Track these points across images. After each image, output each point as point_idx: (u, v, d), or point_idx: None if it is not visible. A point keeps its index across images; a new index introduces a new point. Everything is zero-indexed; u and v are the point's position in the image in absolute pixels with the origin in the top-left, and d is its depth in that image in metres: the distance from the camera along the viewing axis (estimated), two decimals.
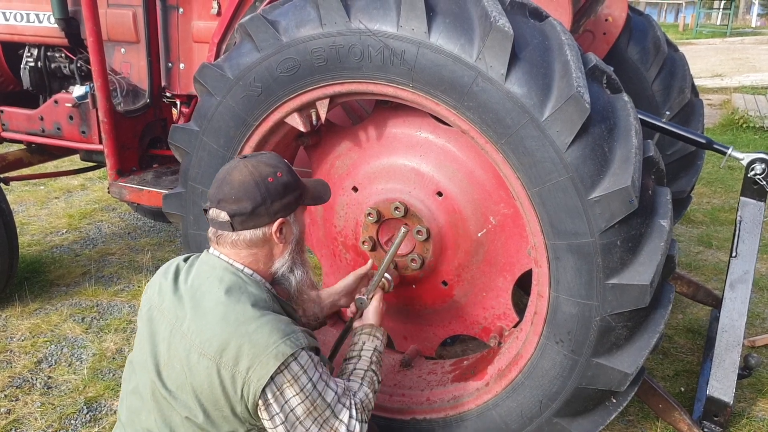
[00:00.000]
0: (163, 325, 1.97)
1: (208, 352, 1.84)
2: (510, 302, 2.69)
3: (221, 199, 1.97)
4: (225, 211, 1.96)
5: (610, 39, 3.83)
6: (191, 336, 1.89)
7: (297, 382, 1.86)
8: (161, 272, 2.12)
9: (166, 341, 1.95)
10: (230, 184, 1.97)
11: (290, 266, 2.08)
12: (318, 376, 1.92)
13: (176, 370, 1.91)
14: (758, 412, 3.28)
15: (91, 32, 3.16)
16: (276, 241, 2.03)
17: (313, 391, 1.89)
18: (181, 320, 1.92)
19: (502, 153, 2.17)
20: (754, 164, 2.77)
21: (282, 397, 1.86)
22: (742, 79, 13.67)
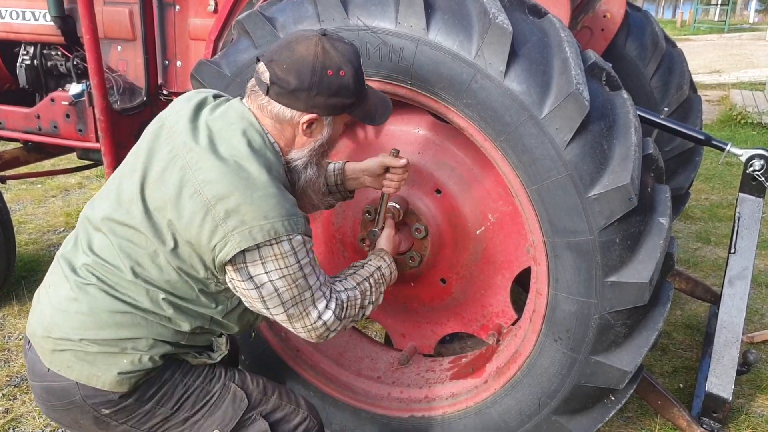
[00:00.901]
0: (168, 147, 1.85)
1: (205, 194, 1.73)
2: (508, 300, 2.68)
3: (274, 60, 1.82)
4: (269, 72, 1.82)
5: (608, 35, 3.82)
6: (194, 170, 1.77)
7: (284, 259, 1.78)
8: (185, 97, 2.00)
9: (163, 162, 1.83)
10: (290, 52, 1.81)
11: (305, 163, 1.95)
12: (307, 261, 1.84)
13: (161, 192, 1.80)
14: (757, 408, 3.28)
15: (88, 30, 3.15)
16: (300, 132, 1.89)
17: (298, 271, 1.82)
18: (189, 150, 1.80)
19: (500, 150, 2.17)
20: (753, 160, 2.77)
21: (262, 267, 1.78)
22: (740, 75, 13.67)
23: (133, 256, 1.83)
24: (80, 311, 1.84)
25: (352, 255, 2.87)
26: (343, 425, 2.81)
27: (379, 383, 2.83)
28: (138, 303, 1.83)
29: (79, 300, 1.84)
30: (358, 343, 3.06)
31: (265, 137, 1.87)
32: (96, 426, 1.93)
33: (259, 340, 2.87)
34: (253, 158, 1.79)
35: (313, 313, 1.90)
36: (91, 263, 1.86)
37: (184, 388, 1.97)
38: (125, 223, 1.84)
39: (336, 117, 1.91)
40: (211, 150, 1.79)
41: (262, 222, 1.72)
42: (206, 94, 1.99)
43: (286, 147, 1.93)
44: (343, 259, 2.91)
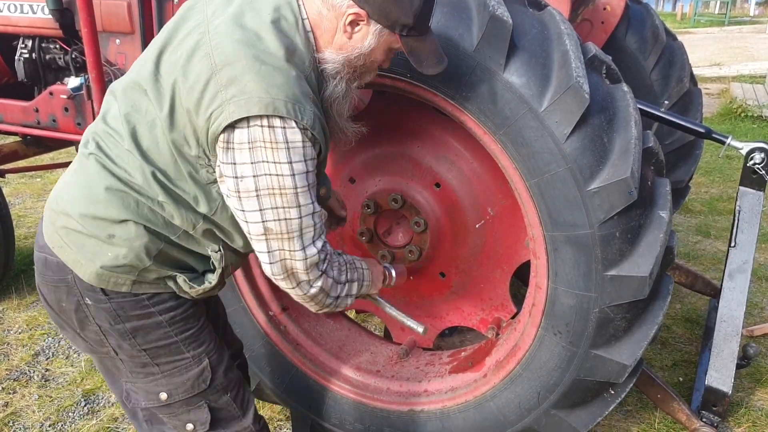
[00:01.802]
0: (197, 17, 1.77)
1: (214, 58, 1.63)
2: (508, 294, 2.68)
3: None
4: None
5: (608, 28, 3.81)
6: (211, 35, 1.67)
7: (274, 151, 1.62)
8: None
9: (187, 29, 1.75)
10: None
11: (336, 71, 1.78)
12: (303, 171, 1.66)
13: (176, 56, 1.71)
14: (757, 401, 3.28)
15: (86, 23, 3.13)
16: (342, 28, 1.72)
17: (287, 178, 1.64)
18: (215, 17, 1.72)
19: (500, 144, 2.16)
20: (753, 153, 2.76)
21: (249, 155, 1.63)
22: (740, 68, 13.64)
23: (133, 122, 1.75)
24: (79, 183, 1.79)
25: (351, 249, 2.87)
26: (342, 419, 2.82)
27: (378, 377, 2.83)
28: (131, 178, 1.74)
29: (79, 171, 1.81)
30: (358, 336, 3.06)
31: (300, 21, 1.73)
32: (75, 314, 1.86)
33: (258, 334, 2.87)
34: (274, 33, 1.66)
35: (296, 242, 1.71)
36: (99, 131, 1.82)
37: (162, 335, 1.88)
38: (135, 82, 1.77)
39: (384, 30, 1.73)
40: (235, 18, 1.69)
41: (263, 94, 1.59)
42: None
43: (323, 43, 1.77)
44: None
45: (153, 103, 1.73)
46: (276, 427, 3.16)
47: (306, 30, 1.74)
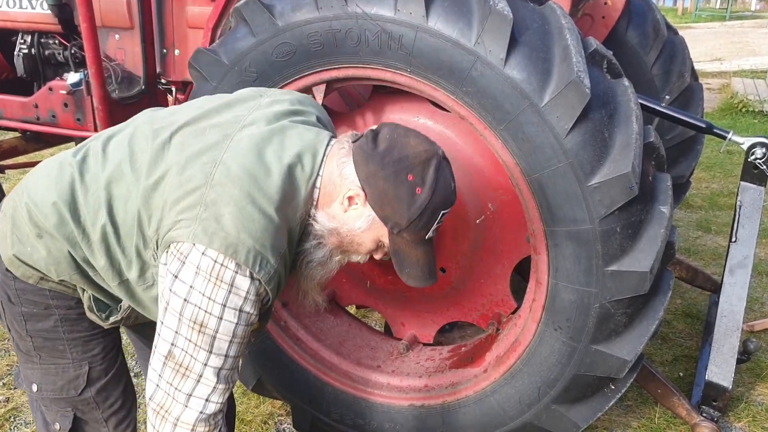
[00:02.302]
0: (241, 112, 1.78)
1: (215, 172, 1.61)
2: (508, 289, 2.68)
3: (387, 127, 1.73)
4: (375, 128, 1.72)
5: (609, 23, 3.79)
6: (232, 144, 1.66)
7: (215, 288, 1.55)
8: (307, 98, 1.95)
9: (223, 119, 1.75)
10: (405, 135, 1.71)
11: (321, 235, 1.75)
12: (233, 320, 1.57)
13: (193, 140, 1.70)
14: (757, 396, 3.28)
15: (85, 18, 3.12)
16: (339, 200, 1.72)
17: (214, 318, 1.55)
18: (248, 128, 1.71)
19: (500, 139, 2.15)
20: (755, 149, 2.76)
21: (193, 278, 1.55)
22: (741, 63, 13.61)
23: (121, 167, 1.71)
24: (48, 177, 1.77)
25: None
26: (343, 414, 2.82)
27: (378, 372, 2.83)
28: (83, 211, 1.71)
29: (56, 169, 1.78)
30: (358, 332, 3.06)
31: (314, 176, 1.71)
32: None
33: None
34: (283, 178, 1.64)
35: (187, 385, 1.59)
36: (95, 148, 1.80)
37: (50, 327, 1.85)
38: (154, 132, 1.75)
39: (377, 219, 1.70)
40: (260, 143, 1.66)
41: (232, 234, 1.55)
42: (321, 128, 1.85)
43: (322, 203, 1.75)
44: None
45: (146, 166, 1.70)
46: (277, 422, 3.17)
47: (315, 186, 1.73)
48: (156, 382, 1.61)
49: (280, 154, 1.67)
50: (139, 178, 1.70)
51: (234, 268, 1.56)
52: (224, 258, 1.55)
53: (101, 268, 1.76)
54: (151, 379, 1.63)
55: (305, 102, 1.92)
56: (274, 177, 1.63)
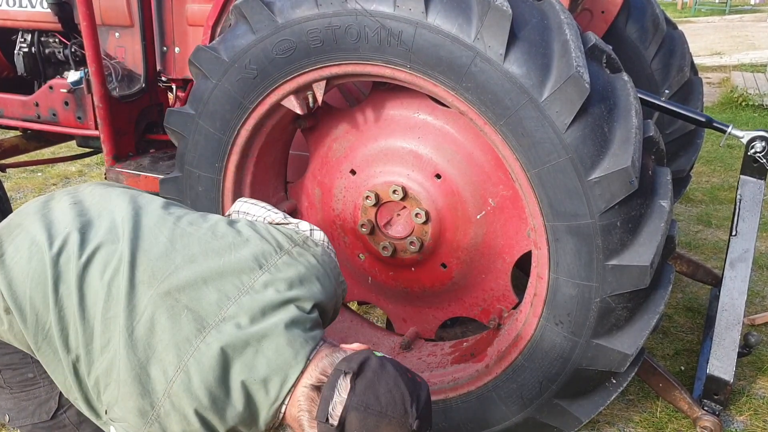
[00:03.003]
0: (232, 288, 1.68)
1: (154, 378, 1.56)
2: (509, 284, 2.68)
3: (356, 414, 1.52)
4: (341, 418, 1.52)
5: (609, 17, 3.79)
6: (191, 361, 1.57)
7: None
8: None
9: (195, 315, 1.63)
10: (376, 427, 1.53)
11: None
12: None
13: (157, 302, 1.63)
14: (758, 390, 3.29)
15: (85, 16, 3.13)
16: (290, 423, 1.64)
17: None
18: (222, 330, 1.62)
19: (500, 134, 2.16)
20: (754, 142, 2.76)
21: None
22: (741, 57, 13.58)
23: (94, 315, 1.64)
24: (24, 258, 1.71)
25: (352, 240, 2.87)
26: None
27: None
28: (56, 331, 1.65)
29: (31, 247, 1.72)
30: (360, 328, 3.06)
31: (278, 403, 1.60)
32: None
33: None
34: (241, 406, 1.58)
35: None
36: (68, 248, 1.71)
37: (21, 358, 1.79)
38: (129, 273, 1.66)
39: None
40: (228, 356, 1.57)
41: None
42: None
43: (289, 422, 1.65)
44: (344, 244, 2.91)
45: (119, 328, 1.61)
46: None
47: (279, 411, 1.62)
48: None
49: (246, 376, 1.58)
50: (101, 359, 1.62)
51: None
52: None
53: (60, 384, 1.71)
54: None
55: (307, 279, 1.77)
56: (233, 402, 1.57)
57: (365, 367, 1.57)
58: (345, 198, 2.80)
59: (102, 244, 1.72)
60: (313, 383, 1.59)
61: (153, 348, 1.58)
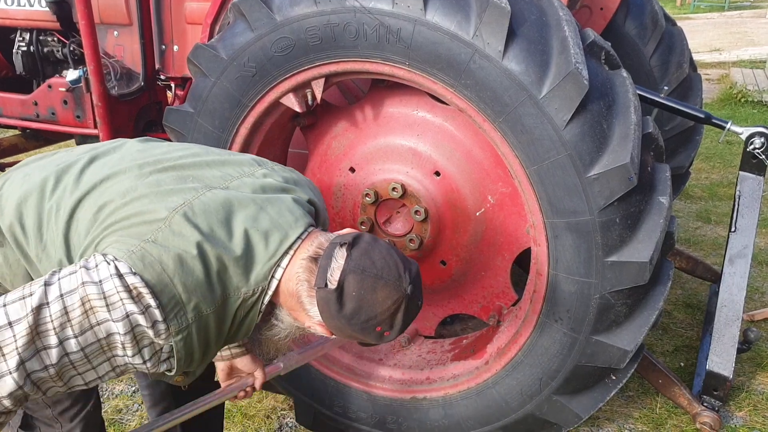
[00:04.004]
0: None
1: (155, 210, 1.57)
2: (509, 281, 2.68)
3: (353, 277, 1.57)
4: (339, 281, 1.56)
5: (608, 14, 3.79)
6: (196, 202, 1.61)
7: (117, 303, 1.43)
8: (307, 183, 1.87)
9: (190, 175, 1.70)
10: (372, 289, 1.58)
11: (289, 324, 1.71)
12: (98, 337, 1.44)
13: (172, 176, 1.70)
14: (758, 385, 3.29)
15: (83, 15, 3.12)
16: (306, 325, 1.68)
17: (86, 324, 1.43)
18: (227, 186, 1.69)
19: (500, 131, 2.16)
20: (753, 138, 2.76)
21: (102, 273, 1.44)
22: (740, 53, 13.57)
23: (95, 183, 1.68)
24: (19, 177, 1.79)
25: None
26: (345, 407, 2.83)
27: (380, 365, 2.84)
28: (46, 214, 1.68)
29: (30, 170, 1.80)
30: None
31: (275, 262, 1.61)
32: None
33: None
34: (240, 250, 1.57)
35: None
36: (76, 161, 1.79)
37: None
38: (134, 163, 1.72)
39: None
40: (233, 204, 1.63)
41: (167, 274, 1.48)
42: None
43: (282, 303, 1.68)
44: None
45: (116, 192, 1.64)
46: (280, 416, 3.18)
47: (273, 276, 1.63)
48: None
49: (249, 224, 1.61)
50: (102, 197, 1.65)
51: (155, 302, 1.46)
52: (152, 290, 1.46)
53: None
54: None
55: (301, 184, 1.86)
56: (233, 244, 1.58)
57: (359, 239, 1.65)
58: (344, 196, 2.80)
59: (106, 152, 1.82)
60: (310, 255, 1.62)
61: (160, 189, 1.64)
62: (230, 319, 1.62)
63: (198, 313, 1.53)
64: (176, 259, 1.51)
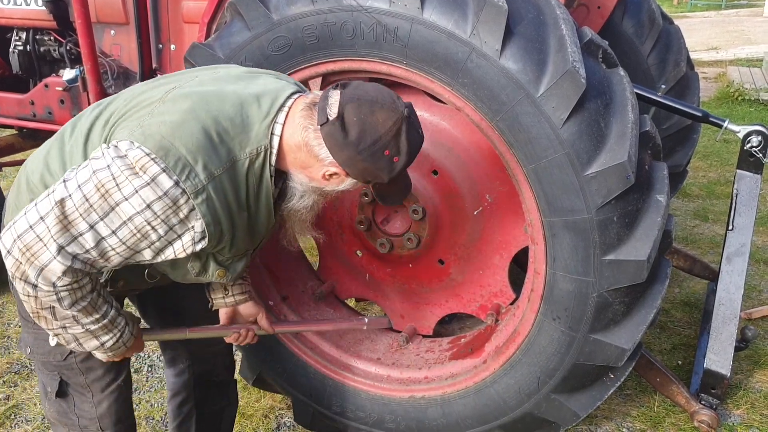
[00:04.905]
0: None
1: (174, 93, 1.74)
2: (507, 280, 2.68)
3: (351, 104, 1.68)
4: (339, 111, 1.68)
5: (605, 13, 3.79)
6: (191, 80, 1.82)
7: (134, 175, 1.58)
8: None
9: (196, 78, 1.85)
10: (370, 111, 1.69)
11: (304, 191, 1.83)
12: (136, 210, 1.58)
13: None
14: (755, 383, 3.30)
15: (80, 14, 3.12)
16: (320, 174, 1.77)
17: (120, 197, 1.58)
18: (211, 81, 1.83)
19: (497, 130, 2.16)
20: (751, 137, 2.76)
21: (115, 154, 1.60)
22: (737, 51, 13.59)
23: (110, 101, 1.86)
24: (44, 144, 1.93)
25: (349, 237, 2.87)
26: (343, 407, 2.83)
27: (378, 364, 2.84)
28: (68, 145, 1.82)
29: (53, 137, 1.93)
30: None
31: (271, 118, 1.73)
32: None
33: None
34: (233, 109, 1.70)
35: (64, 237, 1.60)
36: None
37: None
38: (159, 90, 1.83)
39: (359, 182, 1.81)
40: (223, 81, 1.79)
41: (167, 138, 1.61)
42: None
43: (291, 165, 1.80)
44: (341, 241, 2.91)
45: (130, 107, 1.79)
46: (277, 416, 3.18)
47: (273, 133, 1.74)
48: (31, 223, 1.60)
49: (240, 91, 1.75)
50: (108, 112, 1.80)
51: (161, 166, 1.59)
52: (155, 156, 1.59)
53: None
54: (29, 219, 1.61)
55: (286, 78, 1.97)
56: (226, 105, 1.71)
57: (349, 82, 1.77)
58: (342, 195, 2.79)
59: (111, 100, 1.89)
60: (307, 104, 1.75)
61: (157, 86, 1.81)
62: (243, 184, 1.72)
63: (209, 174, 1.64)
64: (173, 125, 1.64)
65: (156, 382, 3.40)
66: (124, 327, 1.88)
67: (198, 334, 2.20)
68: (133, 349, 1.99)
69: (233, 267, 1.90)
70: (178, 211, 1.63)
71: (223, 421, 2.61)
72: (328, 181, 1.79)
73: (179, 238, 1.68)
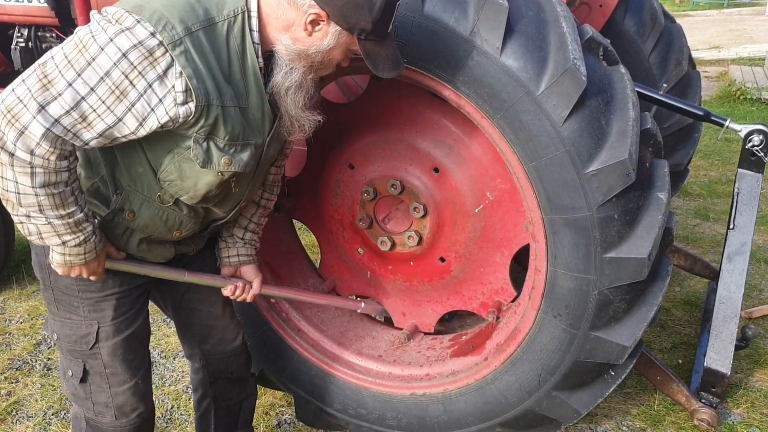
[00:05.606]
0: None
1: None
2: (508, 277, 2.69)
3: None
4: None
5: (607, 11, 3.79)
6: None
7: (109, 25, 1.63)
8: None
9: None
10: None
11: (290, 59, 1.80)
12: (111, 62, 1.60)
13: None
14: (755, 382, 3.30)
15: (81, 11, 3.12)
16: (302, 24, 1.74)
17: (96, 49, 1.61)
18: None
19: (498, 128, 2.16)
20: (752, 136, 2.76)
21: (95, 17, 1.66)
22: (739, 50, 13.57)
23: None
24: None
25: (351, 234, 2.87)
26: (345, 404, 2.83)
27: (380, 362, 2.85)
28: None
29: None
30: (359, 322, 3.07)
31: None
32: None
33: (260, 321, 2.88)
34: None
35: (42, 95, 1.60)
36: None
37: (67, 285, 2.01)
38: None
39: (343, 32, 1.75)
40: None
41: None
42: None
43: (274, 27, 1.78)
44: (342, 239, 2.92)
45: None
46: (278, 413, 3.18)
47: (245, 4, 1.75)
48: (14, 87, 1.62)
49: None
50: None
51: (136, 18, 1.61)
52: (130, 10, 1.62)
53: None
54: (13, 84, 1.63)
55: None
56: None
57: None
58: (343, 192, 2.81)
59: None
60: None
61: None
62: (225, 49, 1.73)
63: (186, 28, 1.65)
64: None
65: (156, 378, 3.40)
66: (90, 235, 1.84)
67: (196, 279, 2.23)
68: (93, 265, 1.91)
69: (238, 156, 1.86)
70: (155, 64, 1.63)
71: (242, 413, 2.65)
72: (311, 36, 1.76)
73: (161, 103, 1.67)
